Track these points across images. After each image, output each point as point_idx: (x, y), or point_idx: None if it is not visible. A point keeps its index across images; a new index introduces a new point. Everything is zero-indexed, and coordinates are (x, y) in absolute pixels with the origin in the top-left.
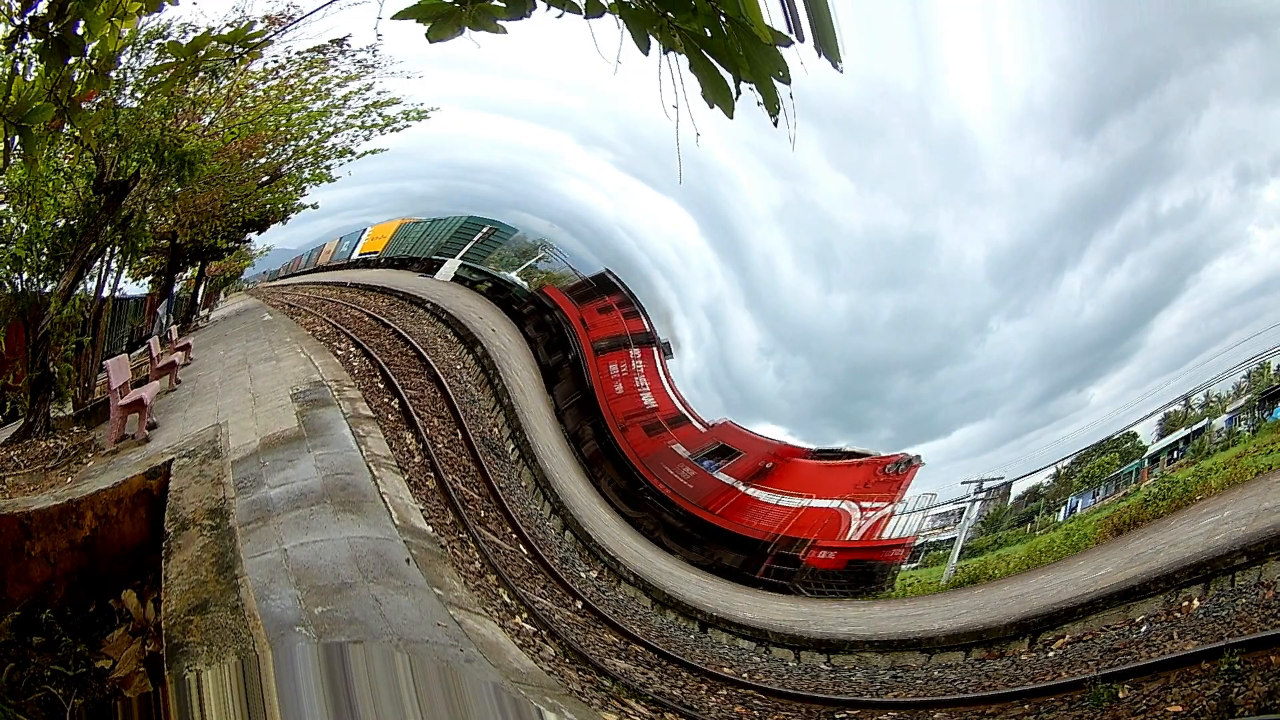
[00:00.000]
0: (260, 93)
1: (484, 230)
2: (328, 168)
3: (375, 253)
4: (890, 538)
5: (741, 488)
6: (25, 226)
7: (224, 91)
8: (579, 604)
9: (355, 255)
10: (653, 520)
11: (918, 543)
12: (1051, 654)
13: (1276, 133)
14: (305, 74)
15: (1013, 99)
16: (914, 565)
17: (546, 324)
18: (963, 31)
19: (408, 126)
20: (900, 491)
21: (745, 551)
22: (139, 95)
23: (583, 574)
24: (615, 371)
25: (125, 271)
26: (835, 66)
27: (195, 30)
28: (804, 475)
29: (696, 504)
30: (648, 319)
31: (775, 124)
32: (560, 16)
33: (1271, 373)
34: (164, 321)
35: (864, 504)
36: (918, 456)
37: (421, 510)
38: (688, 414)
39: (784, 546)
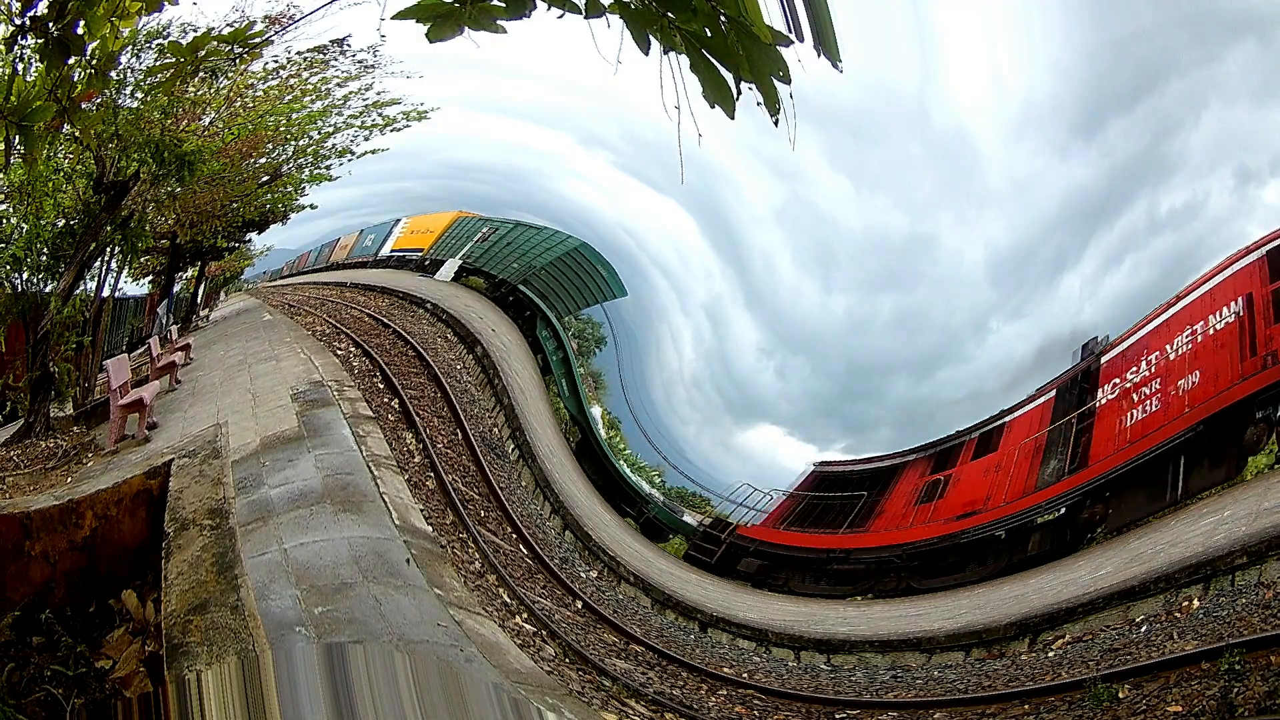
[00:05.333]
0: (260, 93)
1: (598, 276)
2: (328, 168)
3: (417, 250)
4: None
5: None
6: (25, 226)
7: (224, 91)
8: (579, 604)
9: (386, 251)
10: None
11: None
12: (1051, 654)
13: (1276, 133)
14: (305, 74)
15: (1012, 100)
16: None
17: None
18: (963, 33)
19: (408, 126)
20: None
21: None
22: (139, 95)
23: (583, 574)
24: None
25: (125, 271)
26: (835, 66)
27: (195, 30)
28: None
29: None
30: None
31: (775, 124)
32: (560, 16)
33: None
34: (164, 321)
35: None
36: None
37: (421, 510)
38: None
39: None
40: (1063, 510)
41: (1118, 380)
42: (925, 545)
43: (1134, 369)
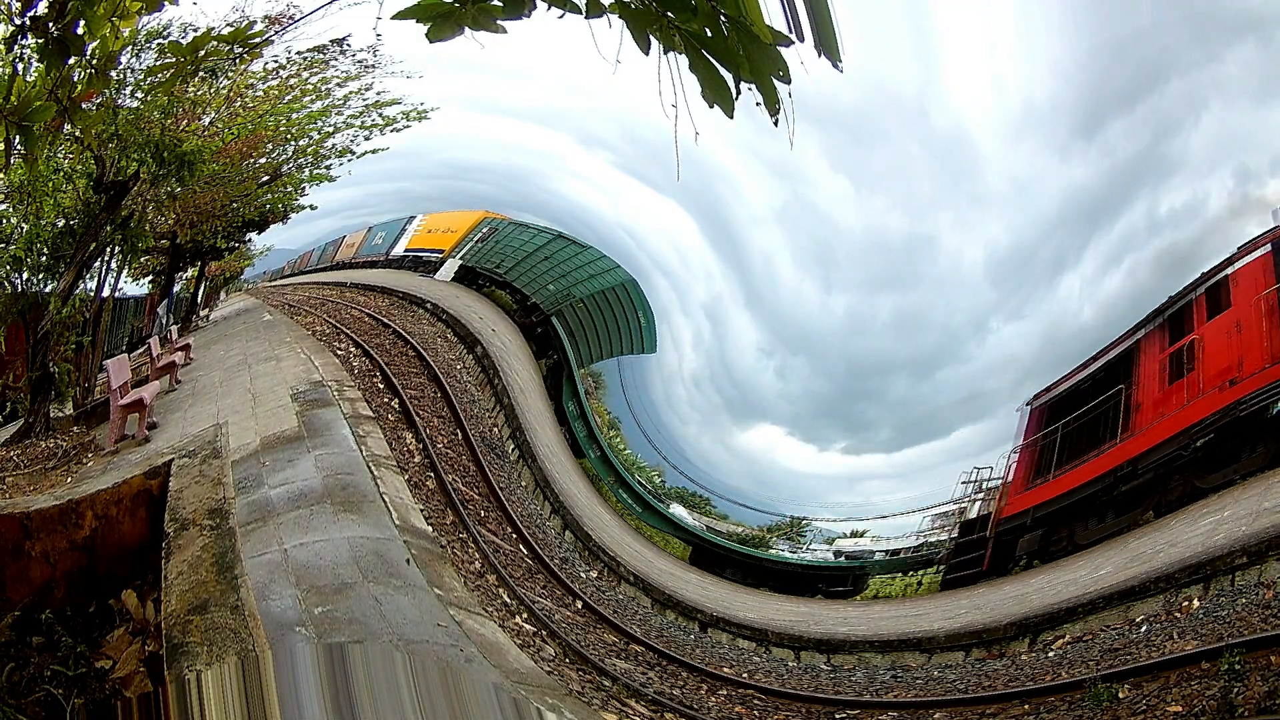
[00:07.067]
0: (260, 93)
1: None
2: (328, 168)
3: (436, 251)
4: None
5: None
6: (25, 226)
7: (224, 91)
8: (579, 604)
9: (399, 250)
10: None
11: None
12: (1051, 654)
13: (1276, 133)
14: (305, 74)
15: (1012, 101)
16: None
17: None
18: (963, 33)
19: (408, 126)
20: None
21: None
22: (139, 95)
23: (583, 574)
24: None
25: (125, 271)
26: (835, 66)
27: (195, 30)
28: None
29: None
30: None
31: (775, 124)
32: (560, 16)
33: None
34: (164, 321)
35: None
36: None
37: (421, 510)
38: None
39: None
40: None
41: None
42: (1208, 424)
43: None
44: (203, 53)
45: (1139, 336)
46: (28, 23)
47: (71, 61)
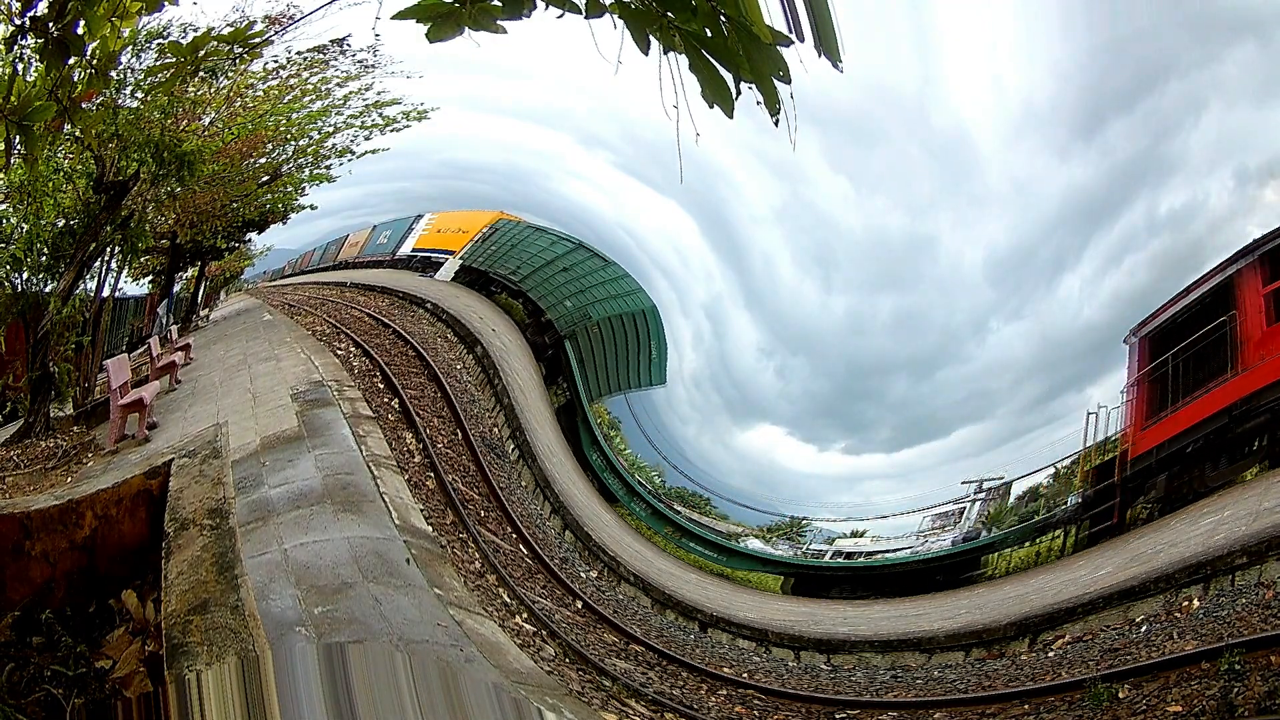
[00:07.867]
0: (260, 93)
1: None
2: (328, 168)
3: (447, 252)
4: None
5: None
6: (25, 226)
7: (224, 91)
8: (579, 604)
9: (406, 250)
10: None
11: None
12: (1051, 654)
13: (1276, 133)
14: (305, 74)
15: (1012, 101)
16: None
17: None
18: (963, 34)
19: (408, 126)
20: None
21: None
22: (139, 95)
23: (583, 574)
24: None
25: (125, 271)
26: (835, 67)
27: (195, 30)
28: None
29: None
30: None
31: (775, 124)
32: (560, 16)
33: None
34: (164, 321)
35: None
36: None
37: (421, 510)
38: None
39: None
40: None
41: None
42: None
43: None
44: (203, 53)
45: (1235, 269)
46: (28, 23)
47: (71, 61)
